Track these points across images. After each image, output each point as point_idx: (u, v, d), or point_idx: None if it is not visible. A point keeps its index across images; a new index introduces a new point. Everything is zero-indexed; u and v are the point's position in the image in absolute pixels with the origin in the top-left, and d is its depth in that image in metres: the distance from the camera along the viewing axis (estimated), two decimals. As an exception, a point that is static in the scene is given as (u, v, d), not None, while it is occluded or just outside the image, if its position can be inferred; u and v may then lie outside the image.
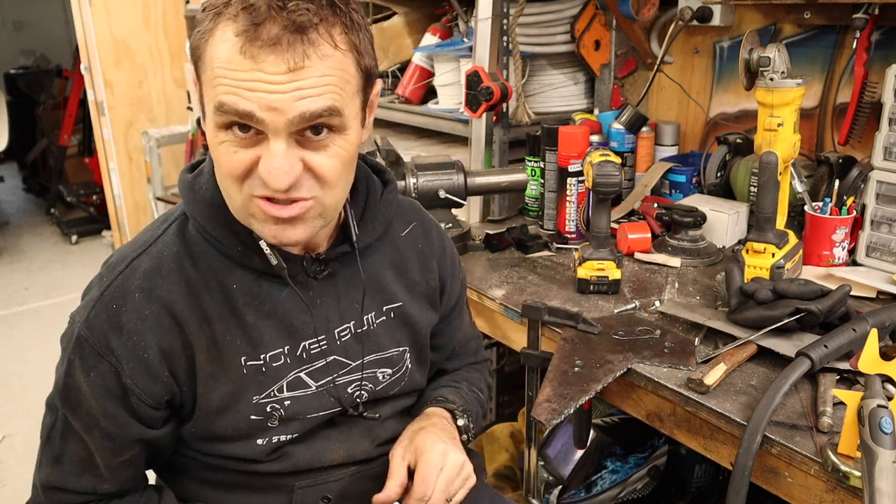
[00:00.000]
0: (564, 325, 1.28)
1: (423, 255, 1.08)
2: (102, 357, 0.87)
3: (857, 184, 1.46)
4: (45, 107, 5.90)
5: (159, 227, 0.94)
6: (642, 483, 1.77)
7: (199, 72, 0.81)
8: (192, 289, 0.89)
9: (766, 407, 0.94)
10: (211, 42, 0.76)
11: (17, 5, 7.01)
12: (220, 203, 0.88)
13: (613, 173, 1.35)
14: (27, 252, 4.99)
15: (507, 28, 1.87)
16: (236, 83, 0.75)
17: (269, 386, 0.94)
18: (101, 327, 0.87)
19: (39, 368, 3.37)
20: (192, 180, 0.93)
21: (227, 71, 0.75)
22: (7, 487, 2.56)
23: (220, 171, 0.83)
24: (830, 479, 0.89)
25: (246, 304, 0.91)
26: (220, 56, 0.75)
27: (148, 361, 0.88)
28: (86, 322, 0.88)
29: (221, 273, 0.90)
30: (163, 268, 0.89)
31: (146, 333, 0.87)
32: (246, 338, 0.91)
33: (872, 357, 0.90)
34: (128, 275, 0.89)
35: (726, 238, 1.61)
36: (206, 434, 0.94)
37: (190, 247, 0.91)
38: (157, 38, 4.04)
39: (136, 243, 0.93)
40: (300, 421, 0.97)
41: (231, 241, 0.90)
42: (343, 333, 0.99)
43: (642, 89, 1.96)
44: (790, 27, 1.73)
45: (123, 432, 0.90)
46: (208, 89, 0.78)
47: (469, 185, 1.62)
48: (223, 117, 0.77)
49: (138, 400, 0.88)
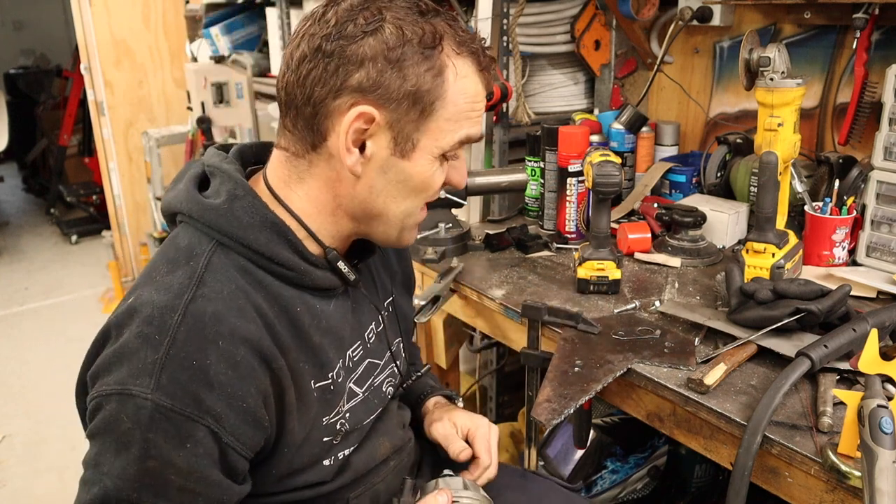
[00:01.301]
0: (564, 325, 1.28)
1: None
2: (197, 422, 0.76)
3: (857, 184, 1.45)
4: (45, 107, 5.91)
5: (193, 264, 0.82)
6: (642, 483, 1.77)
7: (427, 112, 0.82)
8: (266, 321, 0.82)
9: (766, 407, 0.94)
10: (456, 81, 0.82)
11: (17, 5, 7.01)
12: (281, 225, 0.84)
13: (613, 173, 1.35)
14: (27, 252, 4.99)
15: (507, 28, 1.86)
16: (479, 114, 0.85)
17: (336, 404, 0.93)
18: (186, 389, 0.76)
19: (39, 368, 3.37)
20: (228, 206, 0.84)
21: (476, 103, 0.85)
22: (7, 487, 2.56)
23: (418, 193, 0.87)
24: (830, 479, 0.89)
25: (311, 326, 0.87)
26: (469, 91, 0.83)
27: (248, 410, 0.80)
28: (160, 390, 0.75)
29: (283, 298, 0.85)
30: (233, 307, 0.80)
31: (242, 381, 0.79)
32: (313, 360, 0.88)
33: (872, 357, 0.90)
34: (192, 323, 0.77)
35: (726, 238, 1.61)
36: (285, 471, 0.89)
37: (250, 277, 0.83)
38: (157, 38, 4.04)
39: (170, 288, 0.80)
40: (358, 430, 0.98)
41: (295, 262, 0.85)
42: (370, 335, 1.01)
43: (642, 89, 1.96)
44: (790, 27, 1.73)
45: (227, 497, 0.81)
46: (448, 125, 0.83)
47: (469, 185, 1.61)
48: (460, 146, 0.86)
49: (238, 455, 0.81)
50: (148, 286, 0.81)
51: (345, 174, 0.85)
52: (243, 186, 0.86)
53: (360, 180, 0.85)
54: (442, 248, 1.63)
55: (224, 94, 3.07)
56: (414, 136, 0.82)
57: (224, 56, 3.20)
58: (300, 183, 0.87)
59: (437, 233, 1.65)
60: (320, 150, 0.84)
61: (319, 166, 0.85)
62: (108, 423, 0.77)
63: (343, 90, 0.79)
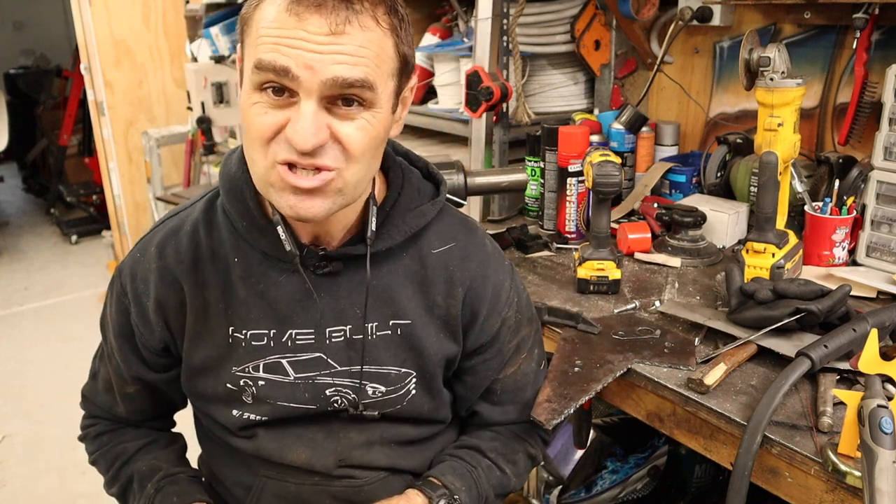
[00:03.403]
0: (564, 325, 1.28)
1: (452, 279, 1.00)
2: (120, 297, 1.01)
3: (857, 184, 1.46)
4: (45, 107, 5.91)
5: (199, 195, 1.03)
6: (642, 483, 1.77)
7: (244, 40, 0.84)
8: (198, 254, 0.97)
9: (766, 407, 0.94)
10: (260, 7, 0.80)
11: (17, 5, 7.01)
12: (240, 178, 0.94)
13: (613, 173, 1.35)
14: (27, 252, 4.99)
15: (507, 28, 1.87)
16: (278, 40, 0.77)
17: (246, 361, 0.98)
18: (125, 271, 1.01)
19: (39, 368, 3.37)
20: (228, 156, 1.00)
21: (270, 29, 0.78)
22: (7, 487, 2.56)
23: (248, 136, 0.83)
24: (830, 479, 0.89)
25: (240, 279, 0.96)
26: (267, 17, 0.79)
27: (146, 309, 0.99)
28: (121, 263, 1.02)
29: (228, 246, 0.97)
30: (181, 231, 0.99)
31: (149, 284, 0.98)
32: (234, 310, 0.97)
33: (872, 357, 0.90)
34: (156, 231, 1.01)
35: (726, 238, 1.61)
36: (190, 389, 1.04)
37: (209, 216, 0.99)
38: (157, 38, 4.04)
39: (178, 207, 1.04)
40: (270, 405, 1.00)
41: (240, 216, 0.95)
42: (336, 335, 0.97)
43: (642, 89, 1.96)
44: (790, 27, 1.73)
45: (126, 366, 1.04)
46: (250, 51, 0.81)
47: (469, 185, 1.61)
48: (260, 75, 0.79)
49: (140, 341, 1.02)
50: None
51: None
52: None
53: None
54: (442, 248, 1.63)
55: (224, 94, 3.07)
56: (244, 66, 0.84)
57: (224, 56, 3.21)
58: None
59: (437, 233, 1.65)
60: None
61: None
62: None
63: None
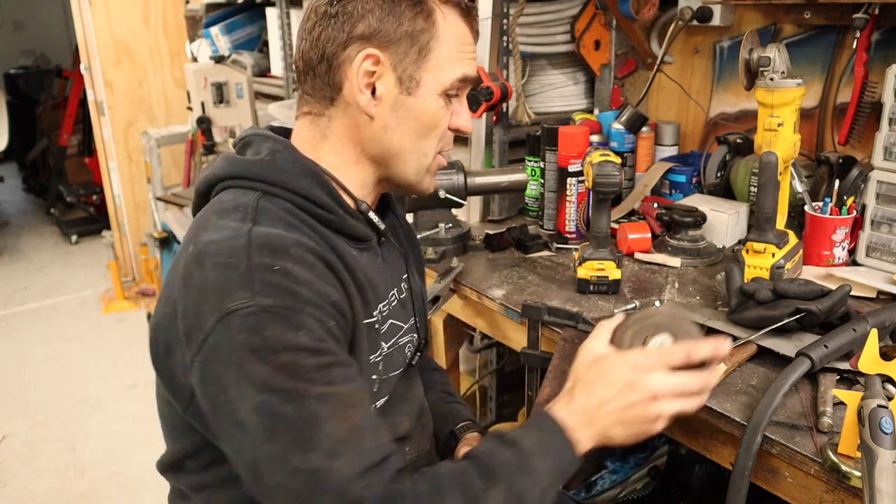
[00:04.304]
0: (564, 325, 1.28)
1: (412, 234, 1.17)
2: (300, 312, 0.79)
3: (857, 184, 1.45)
4: (45, 107, 5.90)
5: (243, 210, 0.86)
6: (642, 483, 1.77)
7: (424, 53, 0.91)
8: (320, 251, 0.85)
9: (766, 407, 0.94)
10: (444, 22, 0.91)
11: (17, 5, 7.01)
12: (320, 173, 0.92)
13: (613, 173, 1.35)
14: (27, 252, 4.99)
15: (507, 28, 1.87)
16: (472, 55, 0.95)
17: (379, 344, 0.97)
18: (280, 287, 0.78)
19: (39, 368, 3.37)
20: (271, 158, 0.91)
21: (465, 45, 0.94)
22: (7, 487, 2.56)
23: (430, 134, 0.95)
24: (830, 479, 0.89)
25: (356, 264, 0.91)
26: (457, 32, 0.93)
27: (336, 305, 0.84)
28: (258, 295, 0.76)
29: (329, 237, 0.90)
30: (292, 231, 0.85)
31: (321, 280, 0.82)
32: (362, 296, 0.91)
33: (872, 357, 0.90)
34: (260, 242, 0.81)
35: (726, 238, 1.60)
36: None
37: (295, 217, 0.88)
38: (157, 38, 4.04)
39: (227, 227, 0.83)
40: (387, 382, 1.01)
41: (334, 206, 0.92)
42: (393, 297, 1.03)
43: (642, 89, 1.96)
44: (790, 27, 1.73)
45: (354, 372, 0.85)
46: (444, 63, 0.92)
47: (469, 185, 1.62)
48: (459, 86, 0.95)
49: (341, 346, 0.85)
50: (202, 234, 0.85)
51: (362, 119, 0.93)
52: (282, 143, 0.94)
53: (375, 121, 0.93)
54: (442, 248, 1.63)
55: (224, 94, 3.07)
56: (416, 75, 0.92)
57: (224, 56, 3.20)
58: (325, 140, 0.95)
59: (437, 233, 1.65)
60: (338, 102, 0.93)
61: (339, 119, 0.94)
62: (222, 354, 0.77)
63: (350, 41, 0.90)
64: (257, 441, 0.76)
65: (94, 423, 2.90)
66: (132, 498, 2.47)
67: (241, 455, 0.79)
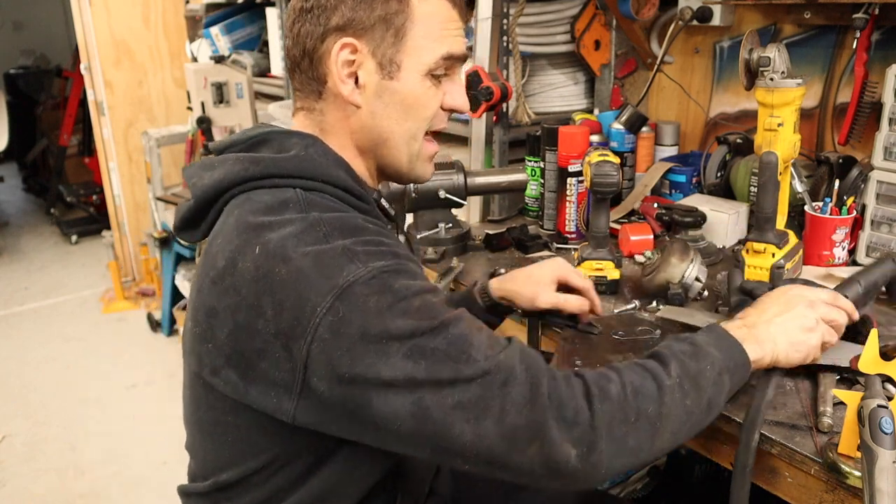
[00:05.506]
0: (564, 325, 1.28)
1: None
2: (411, 268, 0.84)
3: (857, 184, 1.46)
4: (45, 107, 5.91)
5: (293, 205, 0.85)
6: (642, 483, 1.77)
7: (400, 37, 0.91)
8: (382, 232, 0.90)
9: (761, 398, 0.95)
10: (421, 4, 0.91)
11: (17, 5, 7.01)
12: (345, 162, 0.95)
13: (611, 173, 1.35)
14: (27, 252, 4.99)
15: (507, 28, 1.87)
16: (458, 32, 0.94)
17: None
18: (380, 252, 0.82)
19: (39, 368, 3.37)
20: (305, 153, 0.91)
21: (450, 23, 0.93)
22: (7, 487, 2.56)
23: (415, 116, 0.94)
24: (830, 479, 0.89)
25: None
26: (441, 13, 0.93)
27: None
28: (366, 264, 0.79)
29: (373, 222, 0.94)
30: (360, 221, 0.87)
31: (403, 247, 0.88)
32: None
33: (872, 357, 0.90)
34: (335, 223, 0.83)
35: (726, 238, 1.60)
36: None
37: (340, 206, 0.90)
38: (157, 38, 4.04)
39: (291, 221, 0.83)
40: None
41: (364, 199, 0.94)
42: None
43: (642, 89, 1.96)
44: (790, 27, 1.73)
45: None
46: (426, 44, 0.92)
47: (469, 185, 1.62)
48: (446, 63, 0.94)
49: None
50: (265, 234, 0.82)
51: (350, 110, 0.94)
52: (310, 137, 0.94)
53: (362, 110, 0.94)
54: (442, 248, 1.63)
55: (224, 94, 3.07)
56: (396, 58, 0.92)
57: (224, 56, 3.21)
58: (324, 135, 0.96)
59: (437, 233, 1.65)
60: (325, 95, 0.94)
61: (330, 112, 0.95)
62: (353, 325, 0.76)
63: (327, 33, 0.91)
64: (417, 383, 0.76)
65: (94, 423, 2.90)
66: (132, 498, 2.47)
67: (400, 410, 0.77)
